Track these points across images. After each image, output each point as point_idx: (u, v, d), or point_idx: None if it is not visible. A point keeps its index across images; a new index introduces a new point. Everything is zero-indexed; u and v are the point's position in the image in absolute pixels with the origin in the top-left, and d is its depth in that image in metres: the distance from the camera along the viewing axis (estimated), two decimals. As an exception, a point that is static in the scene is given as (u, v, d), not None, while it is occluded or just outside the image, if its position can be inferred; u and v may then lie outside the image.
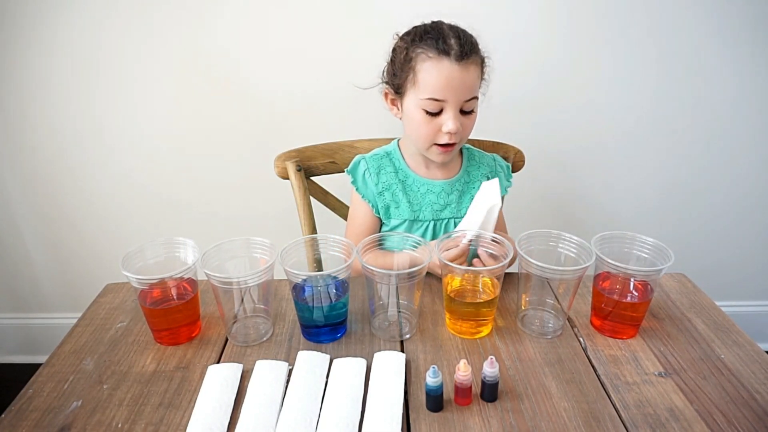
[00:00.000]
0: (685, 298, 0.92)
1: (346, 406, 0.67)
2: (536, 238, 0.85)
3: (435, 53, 0.91)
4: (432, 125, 0.94)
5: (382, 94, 1.03)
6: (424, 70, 0.92)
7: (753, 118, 1.54)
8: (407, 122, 0.99)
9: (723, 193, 1.64)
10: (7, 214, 1.63)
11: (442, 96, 0.92)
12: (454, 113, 0.93)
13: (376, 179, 1.05)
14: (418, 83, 0.93)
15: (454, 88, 0.91)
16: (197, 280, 0.83)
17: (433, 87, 0.92)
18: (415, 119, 0.96)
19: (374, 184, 1.05)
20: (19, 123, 1.50)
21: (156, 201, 1.61)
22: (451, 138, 0.94)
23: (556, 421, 0.67)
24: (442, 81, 0.91)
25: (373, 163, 1.06)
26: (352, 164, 1.07)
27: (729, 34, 1.43)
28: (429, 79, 0.92)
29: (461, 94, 0.92)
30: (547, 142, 1.55)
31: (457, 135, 0.94)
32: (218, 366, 0.75)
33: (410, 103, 0.96)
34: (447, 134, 0.94)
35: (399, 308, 0.84)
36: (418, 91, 0.93)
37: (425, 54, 0.92)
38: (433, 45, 0.92)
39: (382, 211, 1.06)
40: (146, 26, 1.40)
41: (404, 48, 0.95)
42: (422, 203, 1.05)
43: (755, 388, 0.72)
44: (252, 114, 1.50)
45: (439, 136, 0.95)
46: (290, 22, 1.40)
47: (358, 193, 1.06)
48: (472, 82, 0.94)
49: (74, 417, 0.68)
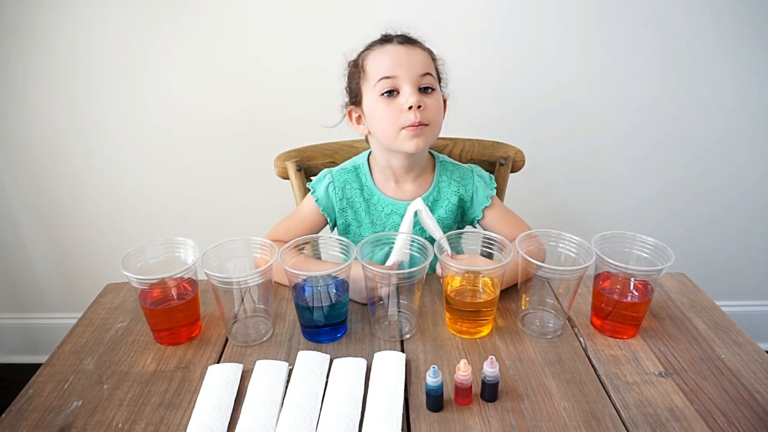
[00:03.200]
0: (685, 298, 0.92)
1: (346, 406, 0.67)
2: (536, 238, 0.85)
3: (378, 45, 0.95)
4: (393, 108, 0.92)
5: (346, 118, 1.03)
6: (370, 62, 0.95)
7: (753, 118, 1.54)
8: (371, 123, 0.97)
9: (723, 193, 1.64)
10: (7, 214, 1.63)
11: (392, 72, 0.92)
12: (411, 89, 0.91)
13: (341, 194, 1.03)
14: (368, 74, 0.95)
15: (402, 65, 0.92)
16: (197, 280, 0.83)
17: (382, 67, 0.93)
18: (377, 110, 0.94)
19: (338, 199, 1.03)
20: (19, 123, 1.50)
21: (156, 201, 1.61)
22: (416, 115, 0.91)
23: (556, 421, 0.67)
24: (388, 61, 0.93)
25: (339, 177, 1.04)
26: (317, 178, 1.06)
27: (729, 34, 1.43)
28: (376, 64, 0.94)
29: (412, 68, 0.92)
30: (547, 142, 1.55)
31: (423, 113, 0.91)
32: (218, 366, 0.75)
33: (368, 100, 0.95)
34: (410, 111, 0.91)
35: (399, 308, 0.84)
36: (370, 81, 0.94)
37: (369, 51, 0.96)
38: (376, 43, 0.96)
39: (340, 228, 1.06)
40: (146, 27, 1.40)
41: (353, 62, 0.99)
42: (386, 224, 1.03)
43: (755, 388, 0.72)
44: (252, 114, 1.50)
45: (403, 116, 0.92)
46: (290, 22, 1.40)
47: (315, 205, 1.04)
48: (421, 59, 0.94)
49: (74, 417, 0.68)
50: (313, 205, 1.04)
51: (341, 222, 1.05)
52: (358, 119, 1.01)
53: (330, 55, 1.42)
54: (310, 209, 1.05)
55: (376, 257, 0.96)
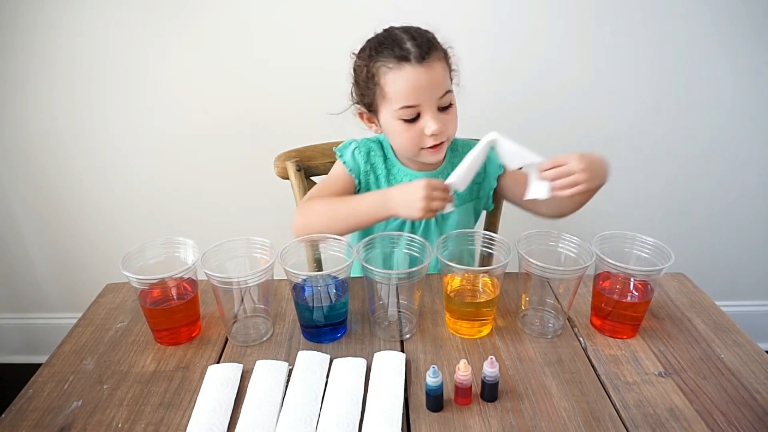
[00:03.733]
0: (685, 298, 0.92)
1: (346, 406, 0.67)
2: (536, 238, 0.85)
3: (395, 62, 0.90)
4: (413, 132, 0.93)
5: (357, 115, 1.03)
6: (389, 83, 0.91)
7: (753, 118, 1.54)
8: (389, 136, 0.99)
9: (723, 193, 1.64)
10: (7, 214, 1.63)
11: (415, 101, 0.91)
12: (433, 114, 0.92)
13: (365, 158, 1.04)
14: (387, 96, 0.92)
15: (424, 90, 0.90)
16: (197, 280, 0.83)
17: (403, 95, 0.91)
18: (396, 130, 0.95)
19: (363, 162, 1.04)
20: (19, 123, 1.50)
21: (156, 201, 1.61)
22: (436, 138, 0.93)
23: (556, 421, 0.67)
24: (410, 87, 0.90)
25: (364, 144, 1.06)
26: (342, 144, 1.07)
27: (729, 34, 1.43)
28: (396, 89, 0.91)
29: (433, 93, 0.91)
30: (547, 142, 1.54)
31: (442, 134, 0.93)
32: (218, 366, 0.75)
33: (386, 117, 0.95)
34: (431, 136, 0.93)
35: (399, 308, 0.84)
36: (390, 104, 0.92)
37: (385, 66, 0.91)
38: (391, 54, 0.91)
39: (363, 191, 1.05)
40: (146, 28, 1.40)
41: (363, 66, 0.95)
42: None
43: (755, 388, 0.72)
44: (252, 114, 1.50)
45: (424, 139, 0.94)
46: (290, 22, 1.40)
47: (343, 166, 1.05)
48: (440, 78, 0.92)
49: (74, 417, 0.68)
50: (341, 167, 1.05)
51: (364, 186, 1.06)
52: (370, 119, 1.01)
53: (330, 54, 1.43)
54: (340, 171, 1.06)
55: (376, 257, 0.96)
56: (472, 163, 0.87)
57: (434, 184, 0.86)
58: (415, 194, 0.86)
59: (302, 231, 0.91)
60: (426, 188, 0.85)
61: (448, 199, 0.88)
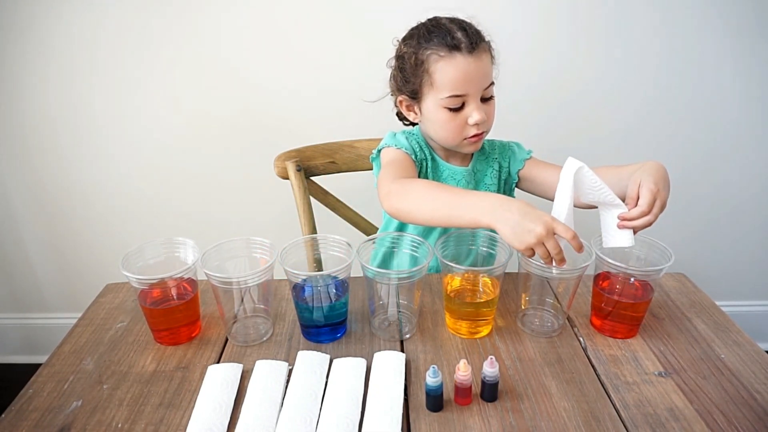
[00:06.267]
0: (685, 298, 0.92)
1: (346, 406, 0.67)
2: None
3: (446, 50, 0.90)
4: (457, 121, 0.94)
5: (396, 103, 1.02)
6: (439, 70, 0.91)
7: (754, 118, 1.54)
8: (430, 124, 0.98)
9: (723, 192, 1.64)
10: (7, 214, 1.63)
11: (463, 91, 0.91)
12: (477, 104, 0.93)
13: (418, 146, 1.02)
14: (436, 83, 0.92)
15: (472, 80, 0.91)
16: (197, 280, 0.83)
17: (452, 84, 0.91)
18: (440, 119, 0.95)
19: (418, 150, 1.01)
20: (18, 123, 1.50)
21: (156, 201, 1.61)
22: (479, 128, 0.94)
23: (556, 421, 0.67)
24: (460, 76, 0.90)
25: (414, 133, 1.05)
26: (387, 136, 1.03)
27: (733, 34, 1.43)
28: (447, 77, 0.91)
29: (480, 83, 0.92)
30: (547, 142, 1.54)
31: (485, 124, 0.95)
32: (218, 366, 0.75)
33: (430, 105, 0.95)
34: (475, 126, 0.93)
35: (399, 308, 0.84)
36: (438, 92, 0.92)
37: (436, 54, 0.91)
38: (442, 42, 0.91)
39: None
40: (145, 26, 1.40)
41: (412, 53, 0.94)
42: None
43: (755, 388, 0.72)
44: (252, 114, 1.50)
45: (467, 129, 0.94)
46: (290, 22, 1.40)
47: (399, 150, 0.99)
48: (487, 69, 0.94)
49: (74, 417, 0.68)
50: (397, 152, 1.00)
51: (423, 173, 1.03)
52: (410, 107, 1.00)
53: (330, 54, 1.43)
54: (400, 156, 0.99)
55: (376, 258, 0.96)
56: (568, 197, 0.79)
57: (559, 229, 0.73)
58: (532, 230, 0.72)
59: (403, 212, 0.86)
60: (547, 228, 0.72)
61: (557, 256, 0.74)
